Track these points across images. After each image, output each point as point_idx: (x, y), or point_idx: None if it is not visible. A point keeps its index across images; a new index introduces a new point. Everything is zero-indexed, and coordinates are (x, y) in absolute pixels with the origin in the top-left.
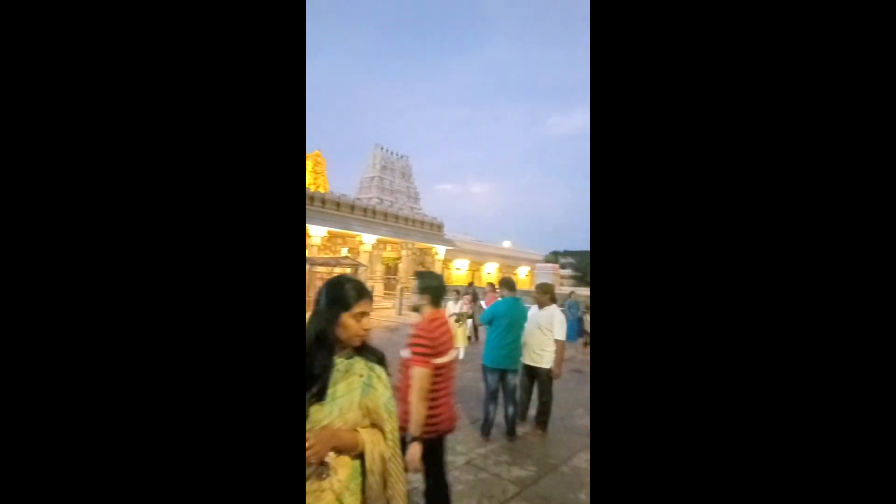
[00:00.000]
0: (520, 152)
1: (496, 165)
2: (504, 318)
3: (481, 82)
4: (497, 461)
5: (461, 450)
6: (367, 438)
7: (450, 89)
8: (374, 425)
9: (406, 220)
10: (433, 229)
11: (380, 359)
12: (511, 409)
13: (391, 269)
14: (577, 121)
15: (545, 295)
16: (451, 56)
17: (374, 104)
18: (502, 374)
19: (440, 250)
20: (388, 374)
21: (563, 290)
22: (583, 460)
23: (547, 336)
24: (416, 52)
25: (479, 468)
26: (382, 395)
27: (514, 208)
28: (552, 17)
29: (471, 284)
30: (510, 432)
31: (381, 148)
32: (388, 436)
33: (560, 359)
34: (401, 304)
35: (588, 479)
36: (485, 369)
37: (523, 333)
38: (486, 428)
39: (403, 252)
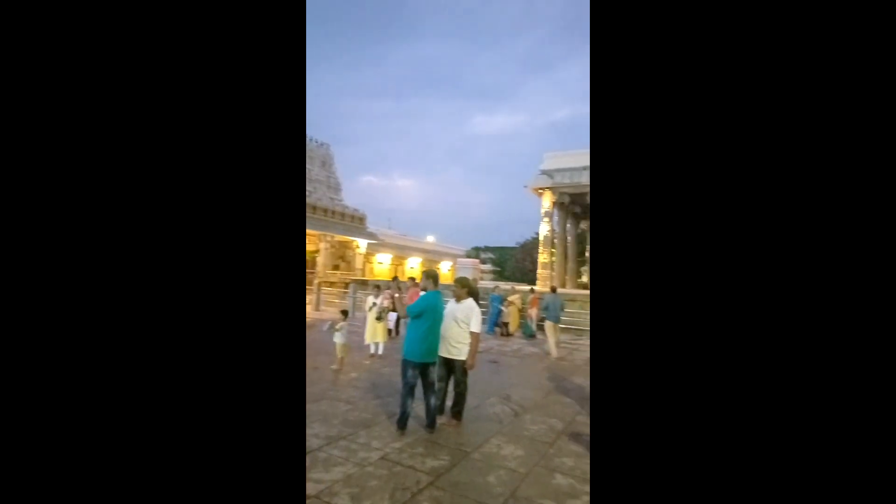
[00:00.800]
0: (445, 148)
1: (422, 160)
2: (433, 312)
3: (407, 75)
4: (412, 454)
5: (376, 445)
6: None
7: (375, 79)
8: None
9: (325, 211)
10: (355, 221)
11: None
12: (433, 401)
13: (308, 263)
14: (500, 122)
15: (463, 289)
16: (377, 46)
17: None
18: (424, 367)
19: (362, 243)
20: None
21: (487, 284)
22: (494, 446)
23: (463, 329)
24: (339, 37)
25: (394, 462)
26: None
27: (438, 204)
28: (479, 18)
29: (395, 278)
30: (431, 424)
31: None
32: None
33: (474, 350)
34: (318, 299)
35: (497, 462)
36: (406, 363)
37: (441, 327)
38: (402, 422)
39: (322, 245)
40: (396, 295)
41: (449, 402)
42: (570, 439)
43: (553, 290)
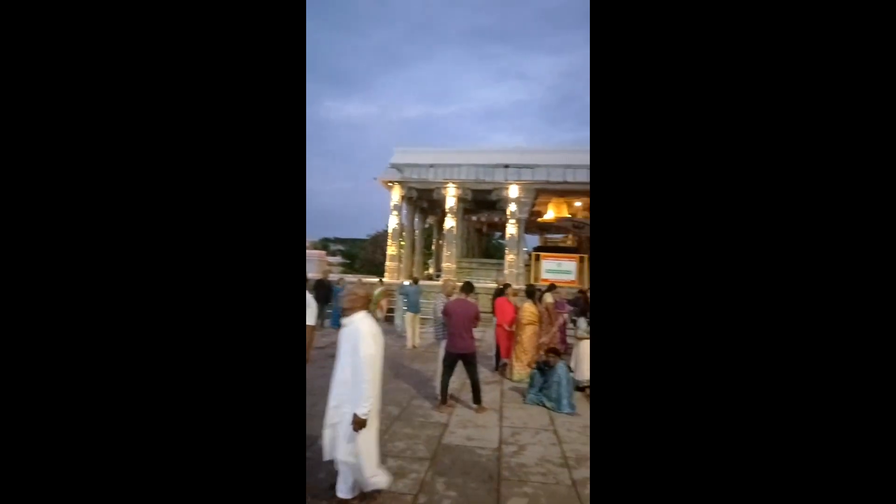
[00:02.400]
0: None
1: None
2: None
3: None
4: None
5: None
6: None
7: None
8: None
9: None
10: None
11: None
12: None
13: None
14: (351, 110)
15: None
16: None
17: None
18: None
19: None
20: None
21: (332, 277)
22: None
23: None
24: None
25: None
26: None
27: None
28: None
29: None
30: None
31: None
32: None
33: (310, 345)
34: None
35: (327, 457)
36: None
37: None
38: None
39: None
40: None
41: None
42: (403, 423)
43: (415, 281)
